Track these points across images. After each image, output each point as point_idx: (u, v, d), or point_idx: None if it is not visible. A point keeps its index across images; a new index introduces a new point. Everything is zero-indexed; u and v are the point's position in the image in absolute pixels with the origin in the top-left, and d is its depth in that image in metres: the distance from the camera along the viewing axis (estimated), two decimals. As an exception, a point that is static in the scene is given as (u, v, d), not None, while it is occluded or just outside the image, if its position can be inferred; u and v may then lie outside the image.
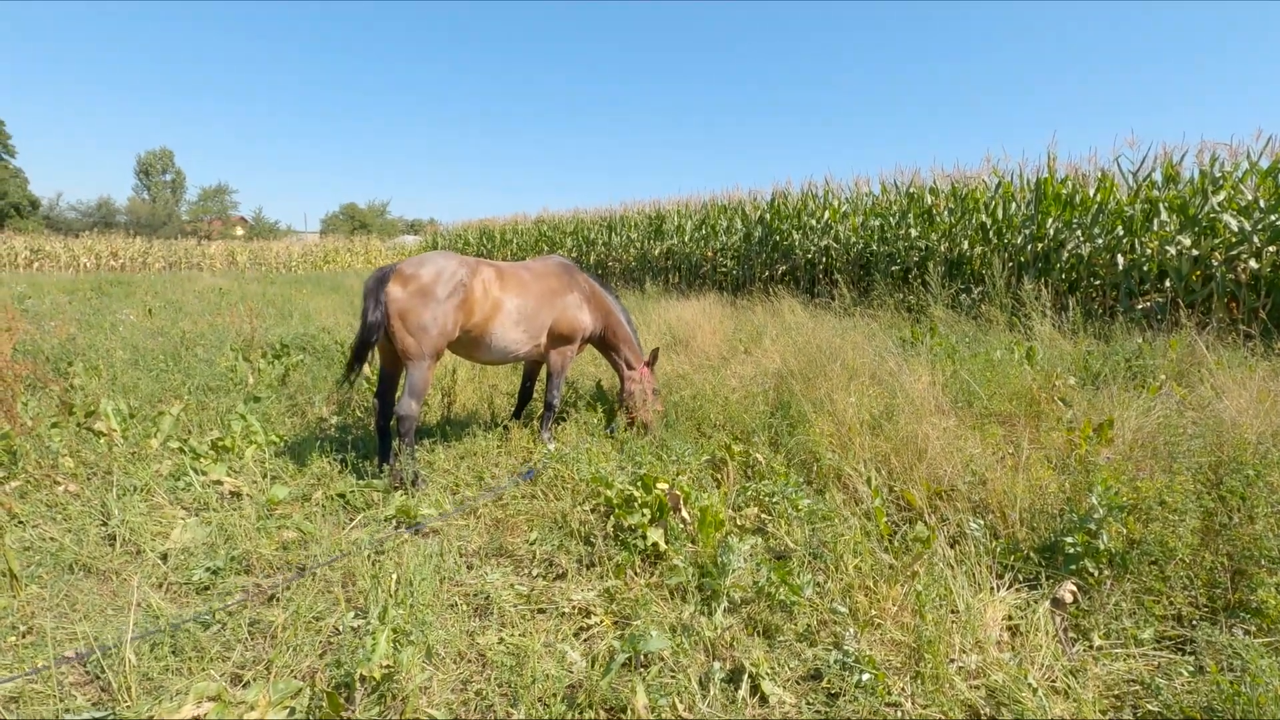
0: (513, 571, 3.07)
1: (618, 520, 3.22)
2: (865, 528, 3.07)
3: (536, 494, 3.79)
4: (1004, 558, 2.90)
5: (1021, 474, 3.24)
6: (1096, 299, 8.92)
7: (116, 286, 16.81)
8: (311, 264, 34.68)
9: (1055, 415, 4.33)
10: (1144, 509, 2.86)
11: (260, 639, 2.51)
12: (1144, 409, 3.99)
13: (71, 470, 3.85)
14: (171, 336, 7.81)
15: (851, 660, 2.25)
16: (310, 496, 3.76)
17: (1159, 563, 2.68)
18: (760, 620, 2.60)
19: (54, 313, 9.66)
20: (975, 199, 10.58)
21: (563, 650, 2.42)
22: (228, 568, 2.98)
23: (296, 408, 5.41)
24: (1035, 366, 5.34)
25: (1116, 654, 2.36)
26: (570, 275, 4.77)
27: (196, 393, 5.34)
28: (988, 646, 2.34)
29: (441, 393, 5.62)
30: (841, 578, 2.74)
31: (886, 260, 11.44)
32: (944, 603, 2.51)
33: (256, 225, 61.61)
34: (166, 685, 2.19)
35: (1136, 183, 8.78)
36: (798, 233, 13.36)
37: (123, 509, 3.40)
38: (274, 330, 8.40)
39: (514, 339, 4.37)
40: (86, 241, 32.34)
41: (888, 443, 3.88)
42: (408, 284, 3.91)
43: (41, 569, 2.91)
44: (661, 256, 16.90)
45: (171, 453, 4.20)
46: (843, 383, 4.67)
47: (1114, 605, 2.57)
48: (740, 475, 3.91)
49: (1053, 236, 9.30)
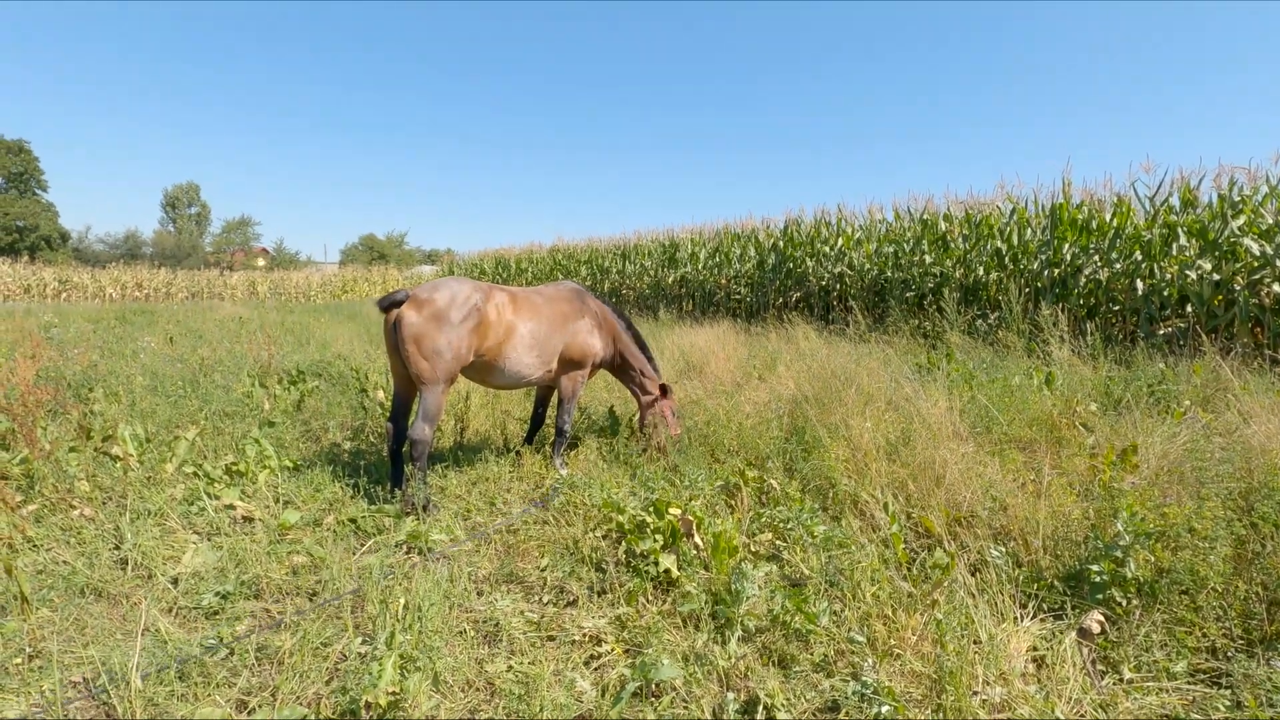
0: (523, 598, 3.02)
1: (629, 546, 3.17)
2: (883, 555, 3.00)
3: (548, 520, 3.75)
4: (1027, 586, 2.81)
5: (1044, 500, 3.16)
6: (1116, 324, 8.81)
7: (140, 315, 17.13)
8: (330, 293, 35.23)
9: (1077, 441, 4.24)
10: (1172, 536, 2.77)
11: (267, 665, 2.48)
12: (1169, 435, 3.90)
13: (87, 494, 3.87)
14: (190, 363, 7.91)
15: (870, 692, 2.17)
16: (322, 521, 3.75)
17: (1190, 592, 2.58)
18: (775, 649, 2.53)
19: (78, 340, 9.84)
20: (990, 225, 10.55)
21: (572, 679, 2.36)
22: (237, 592, 2.96)
23: (311, 433, 5.43)
24: (1055, 392, 5.25)
25: (1148, 687, 2.26)
26: (582, 300, 4.79)
27: (213, 418, 5.38)
28: (1012, 678, 2.25)
29: (455, 418, 5.62)
30: (859, 606, 2.67)
31: (901, 286, 11.40)
32: (965, 632, 2.43)
33: (278, 256, 62.85)
34: (172, 711, 2.16)
35: (1154, 207, 8.72)
36: (811, 260, 13.38)
37: (136, 533, 3.40)
38: (291, 357, 8.49)
39: (527, 363, 4.38)
40: (113, 272, 33.16)
41: (905, 468, 3.81)
42: (422, 308, 3.94)
43: (53, 592, 2.91)
44: (675, 284, 16.98)
45: (186, 477, 4.22)
46: (858, 408, 4.62)
47: (1144, 636, 2.47)
48: (754, 501, 3.84)
49: (1069, 262, 9.23)
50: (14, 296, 29.79)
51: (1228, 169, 8.13)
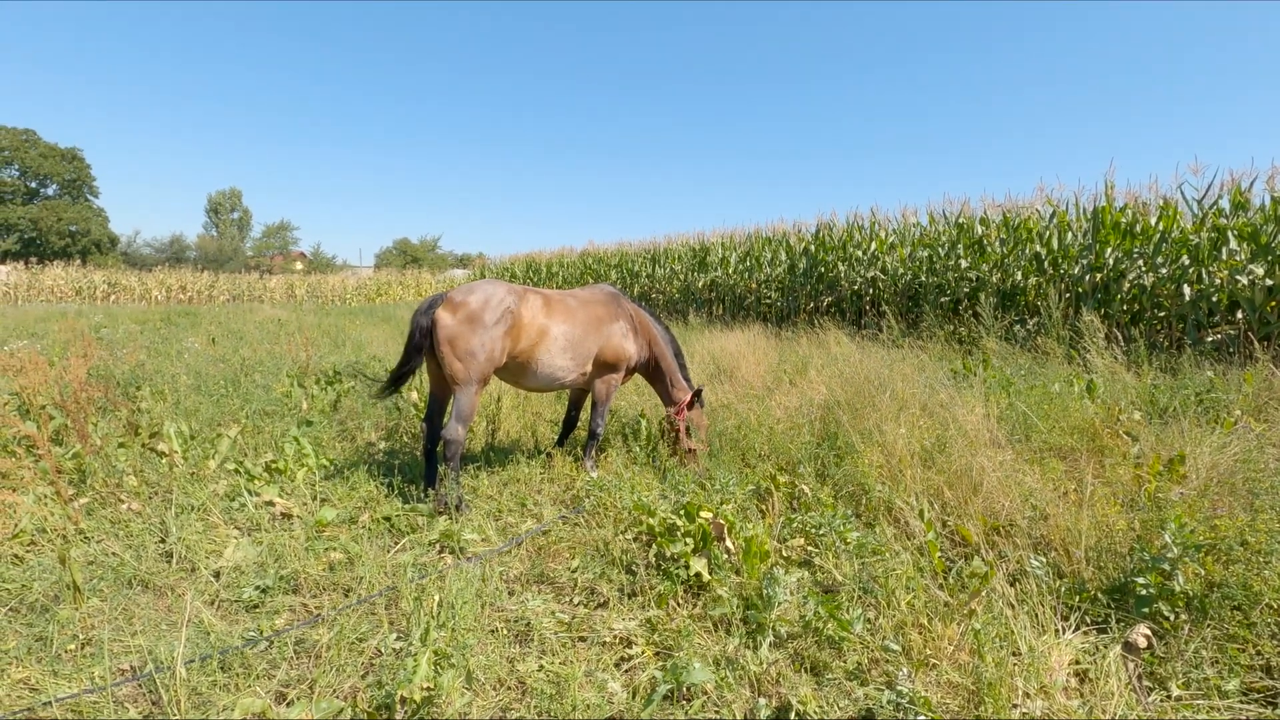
0: (554, 599, 3.04)
1: (660, 549, 3.16)
2: (918, 563, 2.95)
3: (579, 521, 3.77)
4: (1069, 598, 2.74)
5: (1086, 510, 3.08)
6: (1161, 331, 8.54)
7: (184, 317, 17.67)
8: (365, 296, 35.89)
9: (1120, 450, 4.12)
10: (1223, 549, 2.67)
11: (305, 658, 2.53)
12: (1219, 445, 3.76)
13: (135, 489, 4.00)
14: (232, 363, 8.13)
15: (905, 701, 2.13)
16: (357, 519, 3.82)
17: (1242, 608, 2.49)
18: (808, 656, 2.50)
19: (126, 341, 10.19)
20: (1028, 229, 10.31)
21: (603, 680, 2.36)
22: (276, 586, 3.03)
23: (346, 432, 5.54)
24: (1097, 400, 5.11)
25: (1198, 705, 2.18)
26: (617, 304, 4.81)
27: (253, 417, 5.52)
28: (1054, 692, 2.19)
29: (486, 420, 5.68)
30: (893, 614, 2.62)
31: (936, 291, 11.20)
32: (1005, 644, 2.37)
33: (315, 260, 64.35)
34: (214, 700, 2.22)
35: (1202, 210, 8.43)
36: (843, 264, 13.23)
37: (180, 527, 3.51)
38: (327, 358, 8.67)
39: (560, 366, 4.40)
40: (159, 275, 34.26)
41: (940, 475, 3.74)
42: (457, 311, 4.00)
43: (103, 583, 3.01)
44: (705, 288, 16.93)
45: (228, 474, 4.34)
46: (892, 414, 4.55)
47: (1193, 653, 2.38)
48: (785, 506, 3.81)
49: (1112, 266, 8.98)
50: (66, 298, 30.96)
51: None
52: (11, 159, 53.53)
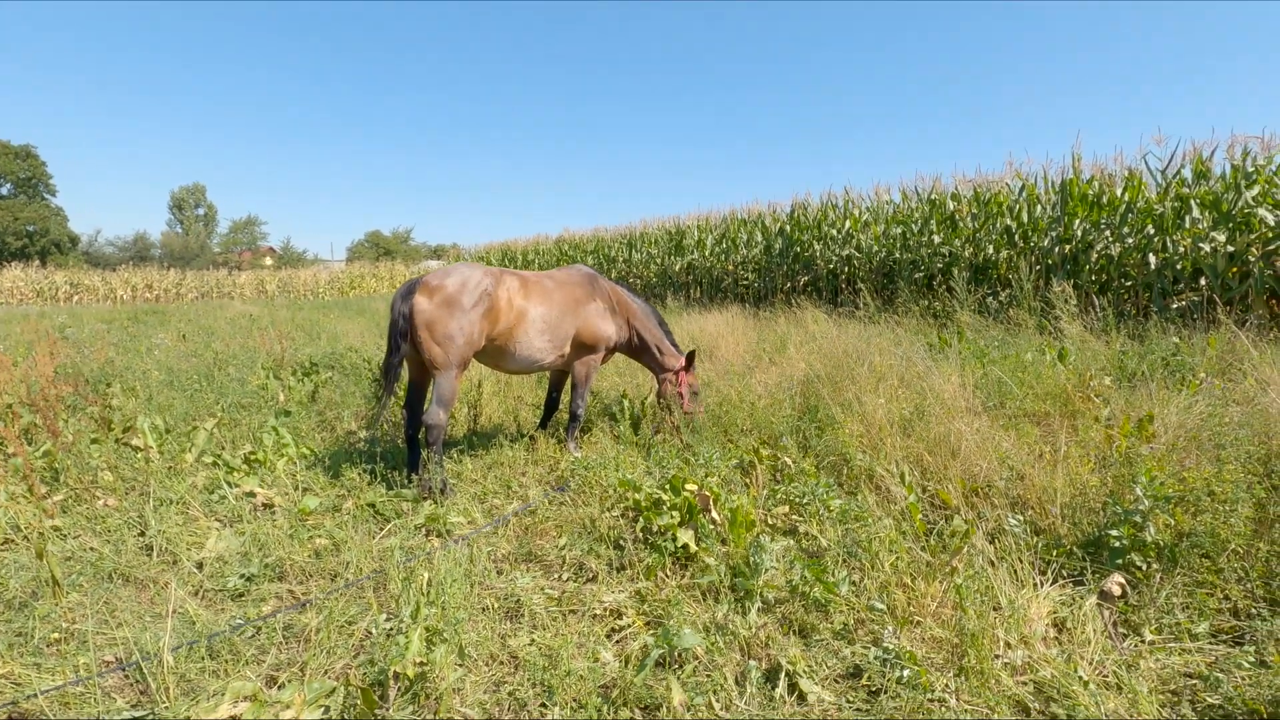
0: (543, 575, 3.05)
1: (647, 523, 3.19)
2: (900, 526, 3.01)
3: (565, 500, 3.78)
4: (1046, 553, 2.82)
5: (1061, 469, 3.16)
6: (1129, 299, 8.73)
7: (152, 315, 17.26)
8: (338, 290, 35.32)
9: (1092, 413, 4.22)
10: (1192, 500, 2.76)
11: (294, 642, 2.52)
12: (1185, 405, 3.87)
13: (110, 484, 3.93)
14: (204, 358, 7.98)
15: (892, 657, 2.19)
16: (341, 507, 3.79)
17: (1210, 555, 2.58)
18: (795, 619, 2.55)
19: (92, 339, 9.93)
20: (999, 203, 10.46)
21: (595, 650, 2.39)
22: (261, 575, 3.00)
23: (326, 423, 5.48)
24: (1068, 367, 5.22)
25: (1170, 648, 2.27)
26: (593, 284, 4.79)
27: (229, 410, 5.43)
28: (1034, 642, 2.26)
29: (468, 405, 5.65)
30: (877, 575, 2.68)
31: (910, 267, 11.33)
32: (985, 599, 2.44)
33: (285, 255, 63.08)
34: (204, 687, 2.20)
35: (1166, 180, 8.61)
36: (819, 243, 13.31)
37: (159, 520, 3.45)
38: (303, 350, 8.54)
39: (539, 348, 4.39)
40: (123, 274, 33.35)
41: (920, 443, 3.81)
42: (434, 294, 3.96)
43: (82, 578, 2.96)
44: (682, 271, 16.94)
45: (206, 467, 4.27)
46: (871, 385, 4.61)
47: (1165, 599, 2.47)
48: (769, 478, 3.86)
49: (1080, 238, 9.15)
50: (27, 300, 30.06)
51: (1241, 139, 8.02)
52: (-39, 158, 51.64)
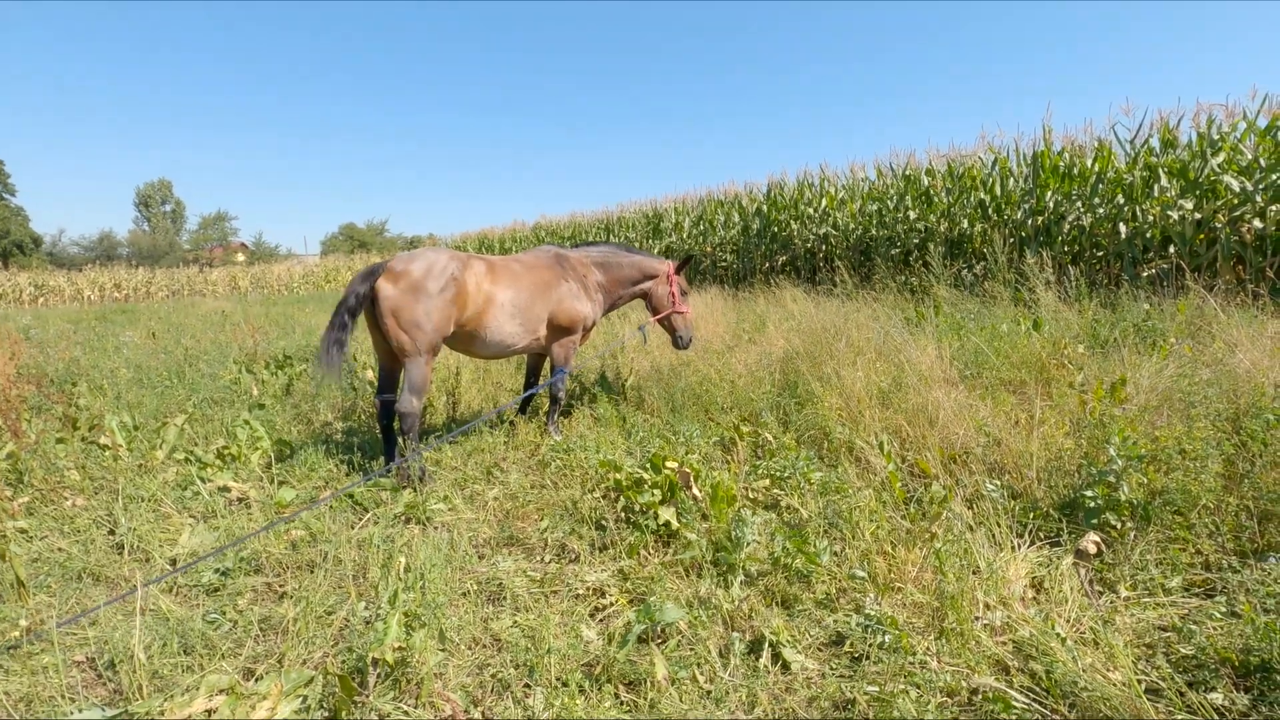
0: (524, 558, 3.03)
1: (628, 502, 3.17)
2: (880, 495, 3.02)
3: (545, 484, 3.75)
4: (1023, 516, 2.85)
5: (1036, 433, 3.19)
6: (1100, 269, 8.84)
7: (120, 315, 16.87)
8: (314, 284, 34.77)
9: (1066, 380, 4.27)
10: (1164, 459, 2.80)
11: (272, 634, 2.48)
12: (1157, 368, 3.93)
13: (78, 484, 3.83)
14: (175, 355, 7.80)
15: (874, 623, 2.20)
16: (318, 498, 3.73)
17: (1182, 511, 2.62)
18: (778, 591, 2.55)
19: (57, 340, 9.69)
20: (972, 177, 10.52)
21: (578, 628, 2.37)
22: (237, 569, 2.95)
23: (301, 415, 5.39)
24: (1043, 336, 5.28)
25: (1145, 603, 2.30)
26: (562, 264, 4.70)
27: (201, 405, 5.32)
28: (1012, 602, 2.28)
29: (446, 393, 5.58)
30: (858, 544, 2.69)
31: (886, 244, 11.38)
32: (965, 562, 2.46)
33: (257, 250, 61.92)
34: (178, 682, 2.16)
35: (1134, 150, 8.70)
36: (796, 222, 13.32)
37: (130, 518, 3.37)
38: (277, 344, 8.40)
39: (509, 332, 4.32)
40: (90, 274, 32.53)
41: (899, 414, 3.83)
42: (399, 280, 3.86)
43: (50, 578, 2.89)
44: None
45: (177, 463, 4.18)
46: (849, 359, 4.62)
47: (1139, 556, 2.51)
48: (750, 454, 3.86)
49: (1053, 209, 9.23)
50: (-10, 303, 29.22)
51: (1206, 107, 8.11)
52: (-87, 158, 49.83)
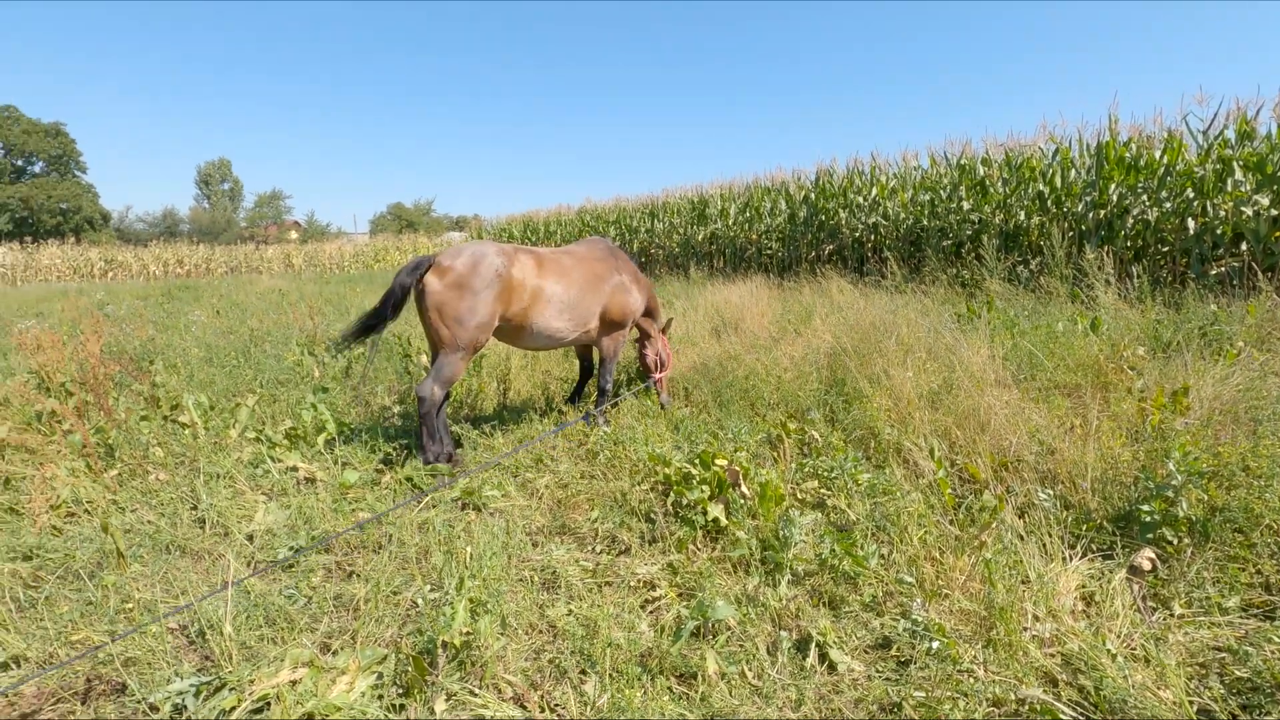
0: (577, 548, 3.14)
1: (677, 497, 3.26)
2: (928, 500, 3.04)
3: (596, 474, 3.86)
4: (1075, 528, 2.84)
5: (1092, 443, 3.15)
6: (1165, 266, 8.51)
7: (184, 291, 17.64)
8: (363, 264, 35.67)
9: (1124, 385, 4.18)
10: (1226, 475, 2.75)
11: (344, 612, 2.65)
12: (1222, 376, 3.82)
13: (161, 460, 4.10)
14: (240, 335, 8.18)
15: (920, 628, 2.24)
16: (379, 480, 3.92)
17: (1243, 530, 2.58)
18: (825, 591, 2.61)
19: (131, 317, 10.21)
20: (1031, 167, 10.18)
21: (632, 620, 2.47)
22: (309, 546, 3.14)
23: (360, 398, 5.62)
24: (1101, 337, 5.15)
25: (1200, 621, 2.29)
26: (615, 257, 4.76)
27: (268, 386, 5.59)
28: (1062, 615, 2.30)
29: (498, 380, 5.75)
30: (906, 549, 2.73)
31: (938, 235, 11.13)
32: (1015, 572, 2.47)
33: (309, 228, 63.66)
34: (263, 653, 2.34)
35: (1207, 141, 8.31)
36: (844, 211, 13.10)
37: (209, 494, 3.61)
38: (334, 326, 8.70)
39: (557, 327, 4.37)
40: (154, 250, 34.03)
41: (948, 416, 3.81)
42: (445, 275, 3.92)
43: (142, 549, 3.12)
44: (705, 241, 16.80)
45: (249, 442, 4.43)
46: (898, 358, 4.60)
47: (1195, 574, 2.48)
48: (797, 452, 3.90)
49: (1116, 202, 8.90)
50: (64, 277, 30.82)
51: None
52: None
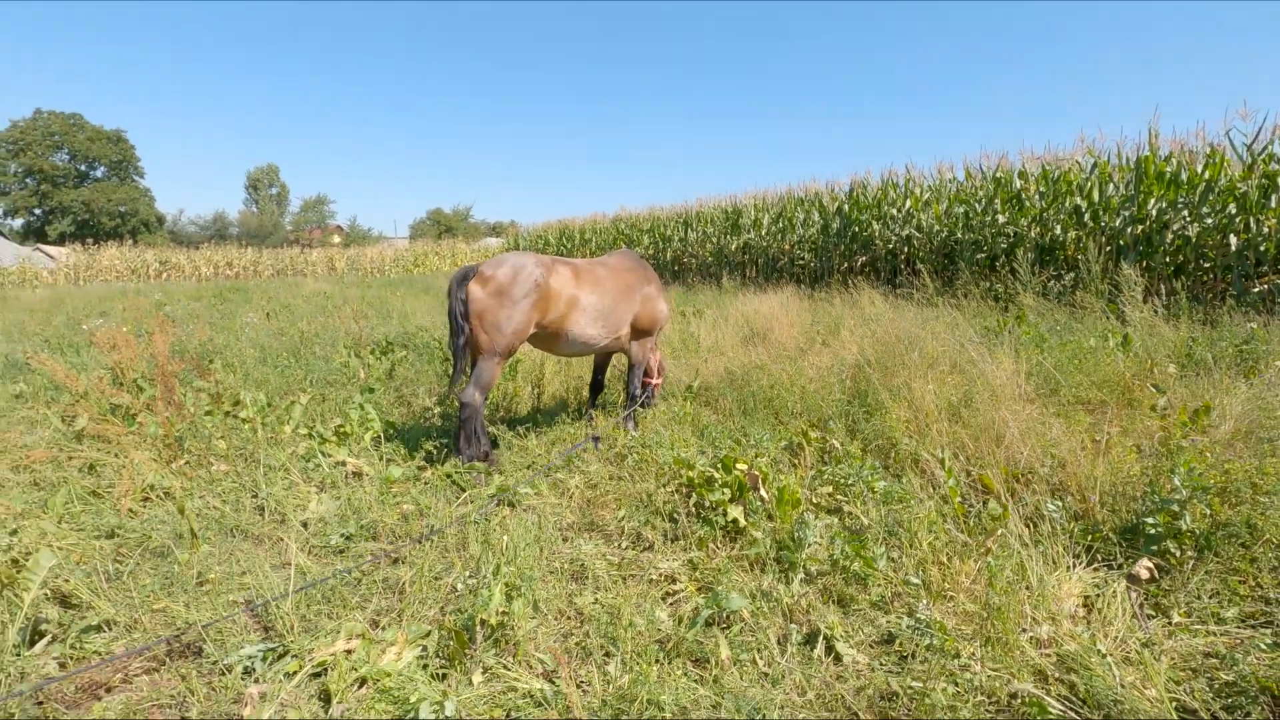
0: (604, 543, 3.35)
1: (699, 498, 3.44)
2: (940, 508, 3.17)
3: (623, 475, 4.07)
4: (1081, 538, 2.94)
5: (1103, 457, 3.25)
6: (1205, 283, 8.41)
7: (235, 293, 18.42)
8: (403, 268, 36.61)
9: (1149, 403, 4.23)
10: (1233, 491, 2.83)
11: (391, 594, 2.90)
12: (1252, 395, 3.86)
13: (223, 452, 4.43)
14: (291, 336, 8.62)
15: (923, 626, 2.39)
16: (421, 476, 4.18)
17: (1246, 544, 2.66)
18: (835, 590, 2.77)
19: (188, 317, 10.80)
20: (1068, 181, 10.12)
21: (652, 610, 2.67)
22: (358, 534, 3.41)
23: (403, 398, 5.93)
24: (1131, 354, 5.17)
25: (1196, 630, 2.39)
26: (644, 267, 5.00)
27: (318, 386, 5.94)
28: (1061, 619, 2.41)
29: (531, 384, 6.00)
30: (915, 553, 2.87)
31: (972, 248, 11.11)
32: (1018, 577, 2.60)
33: (351, 232, 65.47)
34: (321, 626, 2.59)
35: (1251, 157, 8.20)
36: (878, 223, 13.14)
37: (268, 484, 3.91)
38: (378, 329, 9.11)
39: (591, 334, 4.61)
40: (206, 253, 35.46)
41: (966, 429, 3.92)
42: (487, 284, 4.19)
43: (209, 532, 3.43)
44: (738, 251, 16.95)
45: (302, 438, 4.74)
46: (921, 371, 4.72)
47: (1195, 585, 2.58)
48: (817, 460, 4.05)
49: (1155, 218, 8.81)
50: (123, 277, 32.32)
51: (1337, 112, 7.55)
52: (62, 143, 55.40)
